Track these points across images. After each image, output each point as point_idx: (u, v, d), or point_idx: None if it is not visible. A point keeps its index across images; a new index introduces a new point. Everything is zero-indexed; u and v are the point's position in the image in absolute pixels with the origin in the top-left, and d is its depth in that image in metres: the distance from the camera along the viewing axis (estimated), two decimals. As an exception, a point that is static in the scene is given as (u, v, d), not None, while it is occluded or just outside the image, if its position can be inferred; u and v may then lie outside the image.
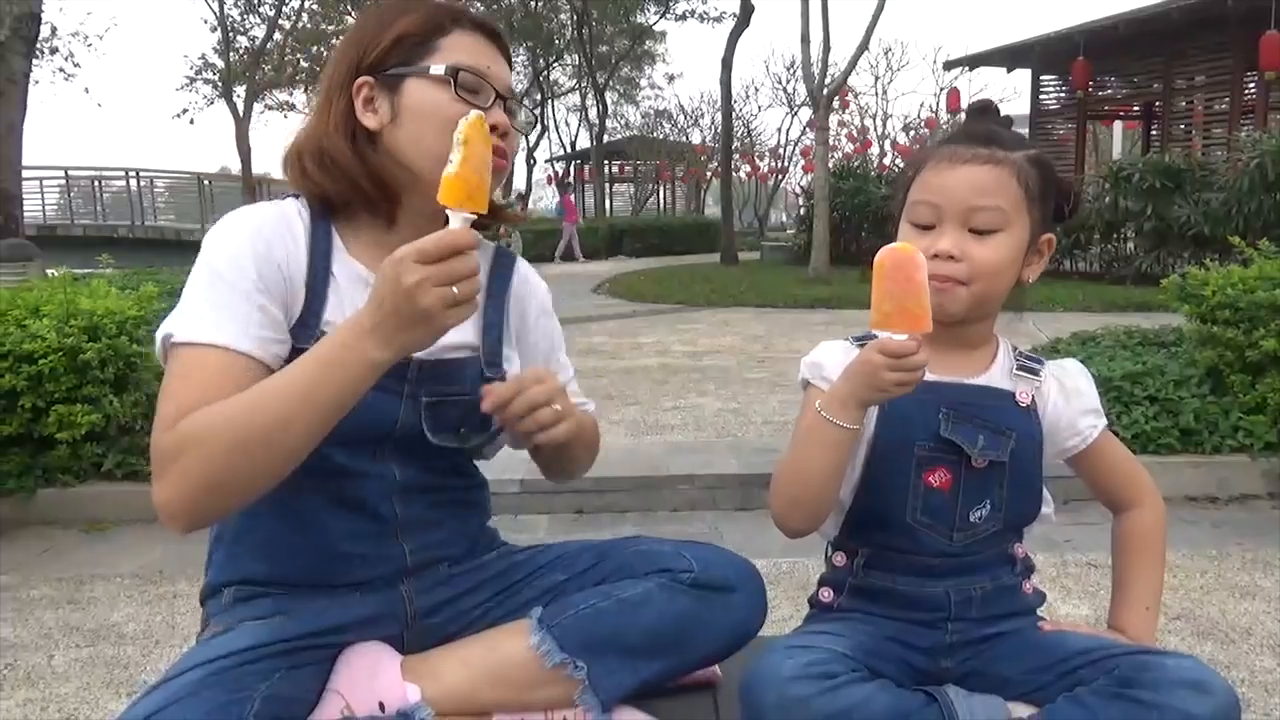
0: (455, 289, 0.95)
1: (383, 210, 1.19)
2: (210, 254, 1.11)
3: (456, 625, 1.25)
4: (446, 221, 0.99)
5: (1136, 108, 15.23)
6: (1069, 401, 1.20)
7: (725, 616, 1.23)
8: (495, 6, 22.55)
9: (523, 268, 1.37)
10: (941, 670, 1.17)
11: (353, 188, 1.17)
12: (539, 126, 25.60)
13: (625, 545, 1.35)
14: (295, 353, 1.10)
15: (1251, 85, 11.68)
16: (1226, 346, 3.83)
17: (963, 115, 1.30)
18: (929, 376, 1.15)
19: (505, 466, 2.76)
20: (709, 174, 28.41)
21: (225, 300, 1.07)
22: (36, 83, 7.54)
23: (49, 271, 6.22)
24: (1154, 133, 14.46)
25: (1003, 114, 1.21)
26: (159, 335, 1.10)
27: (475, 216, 0.99)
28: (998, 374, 1.20)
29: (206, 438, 0.99)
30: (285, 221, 1.16)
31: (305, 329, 1.12)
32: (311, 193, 1.18)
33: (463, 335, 1.22)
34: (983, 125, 1.19)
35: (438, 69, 1.16)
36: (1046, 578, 2.77)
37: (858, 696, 1.03)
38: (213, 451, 0.99)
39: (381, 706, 1.10)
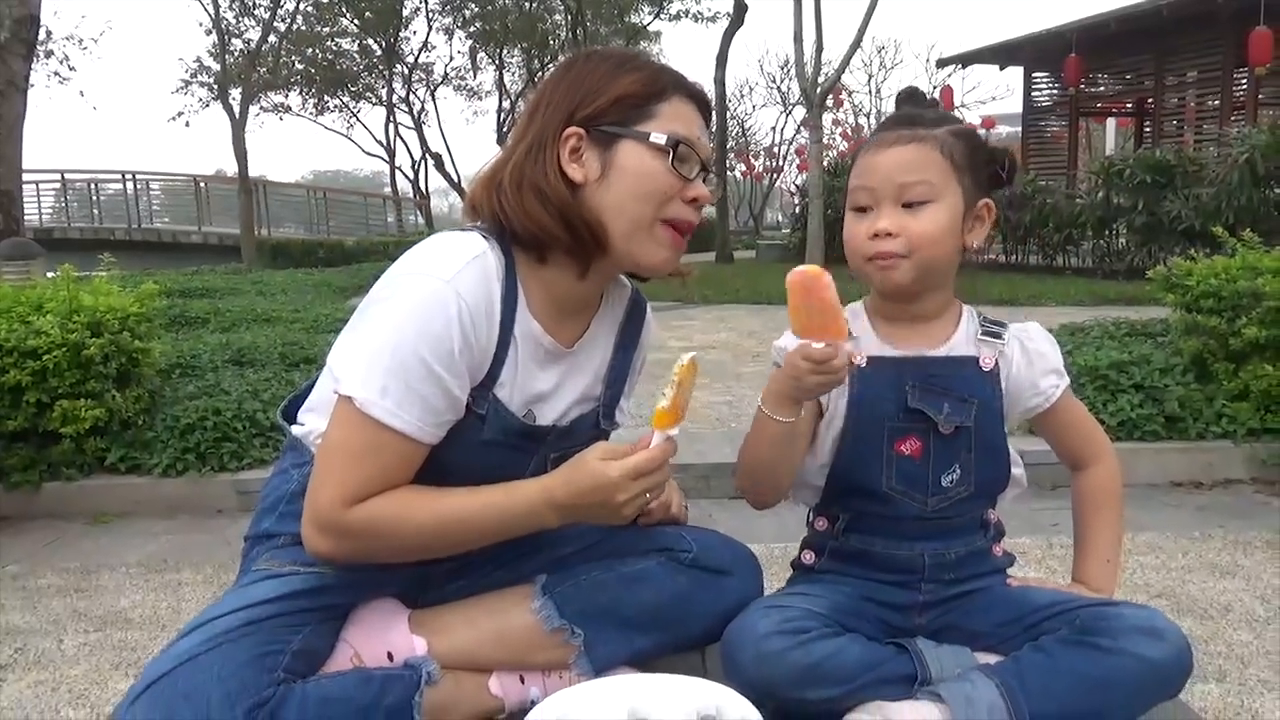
0: (649, 496, 1.09)
1: (583, 259, 1.18)
2: (414, 325, 1.09)
3: (470, 590, 1.31)
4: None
5: (1129, 104, 15.32)
6: (1031, 362, 1.26)
7: (720, 598, 1.30)
8: (489, 7, 22.61)
9: (650, 317, 1.40)
10: (915, 626, 1.23)
11: (570, 231, 1.16)
12: None
13: (630, 524, 1.41)
14: (467, 410, 1.16)
15: (1243, 81, 11.76)
16: (1210, 335, 3.90)
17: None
18: (895, 353, 1.24)
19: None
20: (704, 173, 28.38)
21: (419, 387, 1.08)
22: (32, 86, 7.56)
23: (47, 274, 6.28)
24: (1146, 129, 14.54)
25: (929, 97, 1.29)
26: (340, 375, 1.11)
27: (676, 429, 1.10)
28: (961, 341, 1.26)
29: (392, 537, 1.11)
30: (487, 286, 1.13)
31: (482, 392, 1.17)
32: (530, 233, 1.17)
33: (589, 388, 1.30)
34: (905, 110, 1.26)
35: (659, 138, 1.15)
36: (1033, 559, 2.83)
37: (829, 649, 1.10)
38: (388, 548, 1.13)
39: (390, 657, 1.17)
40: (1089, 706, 1.07)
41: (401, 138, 25.97)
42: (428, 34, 27.73)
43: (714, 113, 1.28)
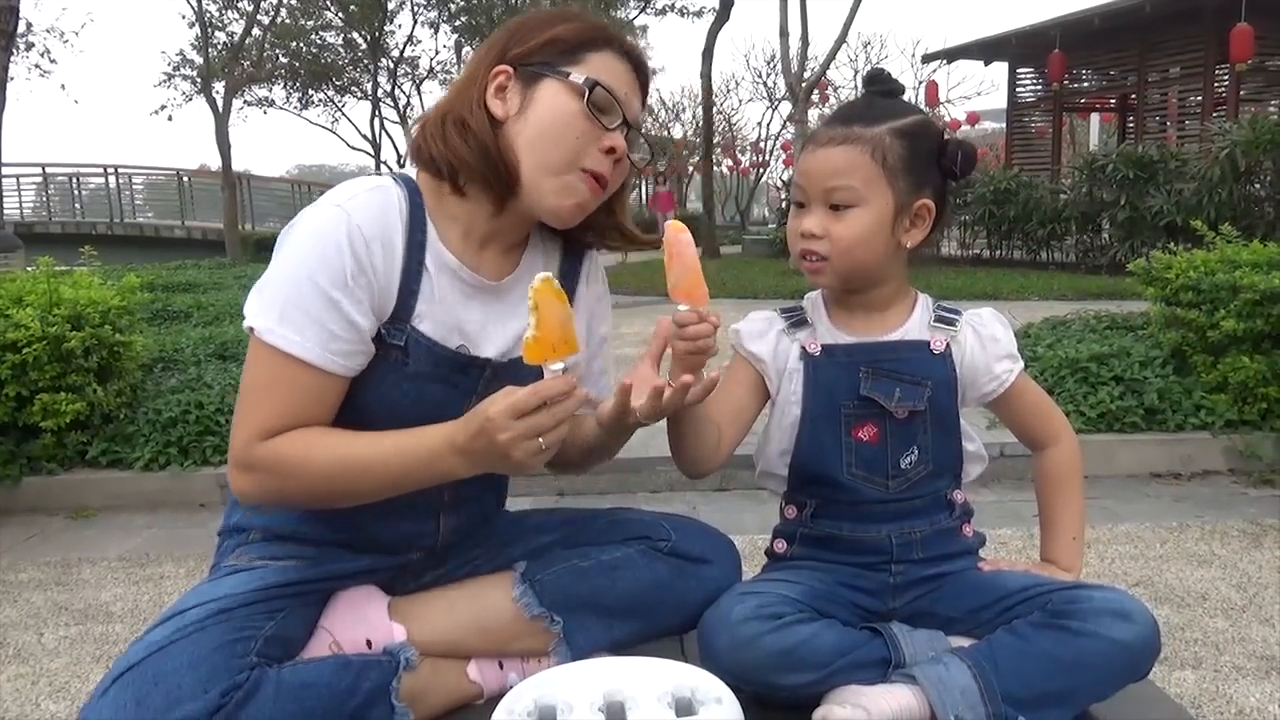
0: (543, 440, 1.03)
1: (497, 194, 1.18)
2: (308, 252, 1.10)
3: (449, 577, 1.32)
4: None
5: (1112, 100, 15.40)
6: (985, 347, 1.27)
7: (699, 587, 1.30)
8: (474, 1, 22.52)
9: (591, 269, 1.37)
10: (890, 611, 1.25)
11: (484, 162, 1.16)
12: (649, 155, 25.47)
13: (609, 513, 1.42)
14: (382, 343, 1.14)
15: (1224, 77, 11.85)
16: (1189, 328, 3.93)
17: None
18: (848, 339, 1.25)
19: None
20: (690, 168, 28.50)
21: (316, 313, 1.08)
22: (12, 79, 7.50)
23: (27, 268, 6.23)
24: (1129, 125, 14.63)
25: (894, 83, 1.26)
26: (246, 310, 1.11)
27: (565, 362, 1.05)
28: (914, 327, 1.27)
29: (300, 475, 1.10)
30: (384, 216, 1.14)
31: (397, 325, 1.15)
32: (446, 160, 1.17)
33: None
34: (856, 102, 1.27)
35: (577, 78, 1.16)
36: (1014, 550, 2.86)
37: (805, 634, 1.11)
38: (299, 487, 1.11)
39: (369, 644, 1.17)
40: (1061, 687, 1.08)
41: (387, 132, 25.92)
42: (413, 28, 27.75)
43: (700, 107, 1.26)
